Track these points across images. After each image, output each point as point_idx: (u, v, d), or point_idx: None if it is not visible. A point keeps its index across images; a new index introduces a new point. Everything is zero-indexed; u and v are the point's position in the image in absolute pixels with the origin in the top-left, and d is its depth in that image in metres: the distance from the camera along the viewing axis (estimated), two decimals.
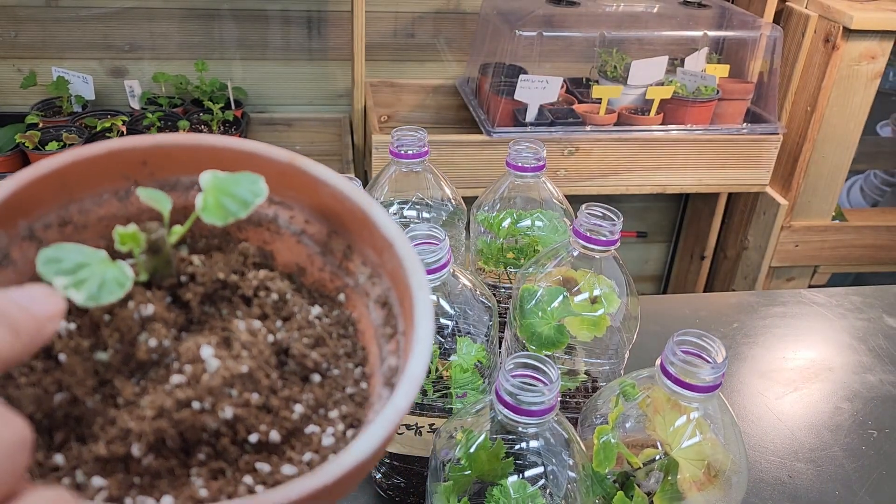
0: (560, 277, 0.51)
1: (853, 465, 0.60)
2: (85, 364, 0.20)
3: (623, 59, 1.22)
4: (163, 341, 0.20)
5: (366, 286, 0.24)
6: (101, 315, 0.20)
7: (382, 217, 0.23)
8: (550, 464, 0.40)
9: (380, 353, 0.23)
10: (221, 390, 0.19)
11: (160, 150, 0.24)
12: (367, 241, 0.23)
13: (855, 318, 0.80)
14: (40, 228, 0.23)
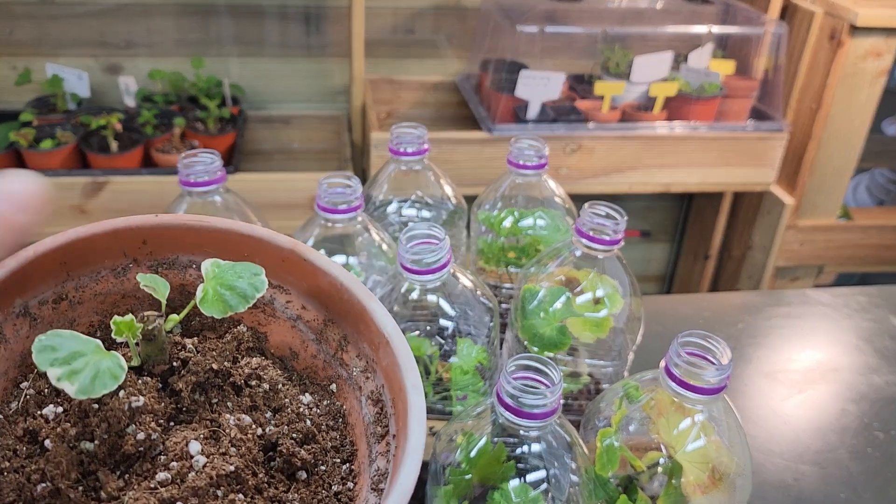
0: (562, 277, 0.50)
1: (859, 468, 0.59)
2: (70, 453, 0.19)
3: (626, 56, 1.21)
4: (151, 434, 0.20)
5: (359, 379, 0.23)
6: (90, 402, 0.20)
7: (380, 312, 0.23)
8: (552, 467, 0.39)
9: (369, 453, 0.22)
10: (207, 490, 0.19)
11: (163, 230, 0.24)
12: (364, 334, 0.23)
13: (861, 319, 0.79)
14: (35, 305, 0.23)
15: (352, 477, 0.22)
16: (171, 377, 0.22)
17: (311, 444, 0.22)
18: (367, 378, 0.23)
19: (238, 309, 0.21)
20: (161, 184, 1.08)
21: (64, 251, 0.23)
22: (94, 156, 1.08)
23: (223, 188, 0.52)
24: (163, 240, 0.24)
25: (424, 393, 0.48)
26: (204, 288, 0.21)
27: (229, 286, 0.21)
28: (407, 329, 0.48)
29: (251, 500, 0.20)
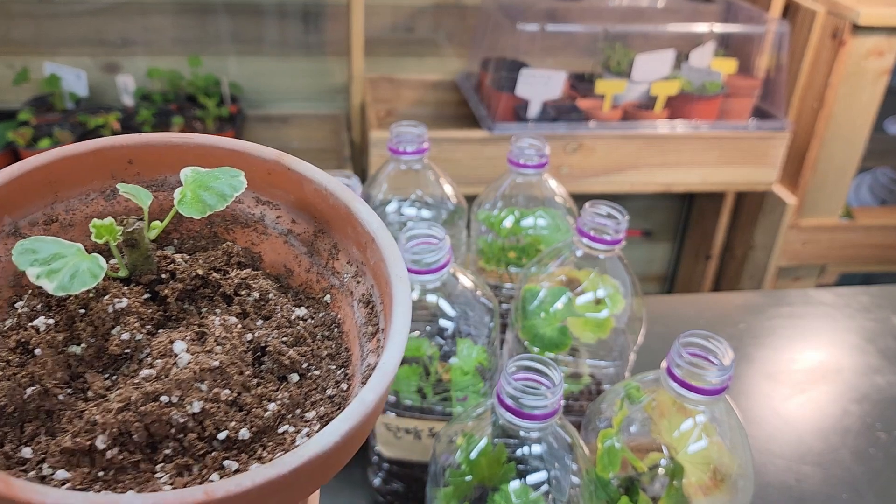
0: (563, 277, 0.50)
1: (861, 469, 0.59)
2: (58, 357, 0.20)
3: (627, 54, 1.20)
4: (135, 335, 0.20)
5: (350, 285, 0.24)
6: (76, 309, 0.20)
7: (365, 212, 0.23)
8: (553, 469, 0.39)
9: (361, 353, 0.22)
10: (191, 384, 0.19)
11: (147, 148, 0.24)
12: (352, 237, 0.24)
13: (864, 319, 0.79)
14: (25, 226, 0.23)
15: (346, 379, 0.22)
16: (158, 286, 0.22)
17: (303, 347, 0.22)
18: (358, 282, 0.24)
19: (216, 207, 0.21)
20: None
21: (50, 169, 0.22)
22: None
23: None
24: (148, 159, 0.24)
25: (424, 394, 0.48)
26: (182, 191, 0.21)
27: (207, 187, 0.21)
28: None
29: (237, 395, 0.20)
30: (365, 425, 0.18)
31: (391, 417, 0.49)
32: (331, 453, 0.17)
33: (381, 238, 0.22)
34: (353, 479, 0.55)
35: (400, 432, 0.49)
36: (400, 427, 0.49)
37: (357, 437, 0.18)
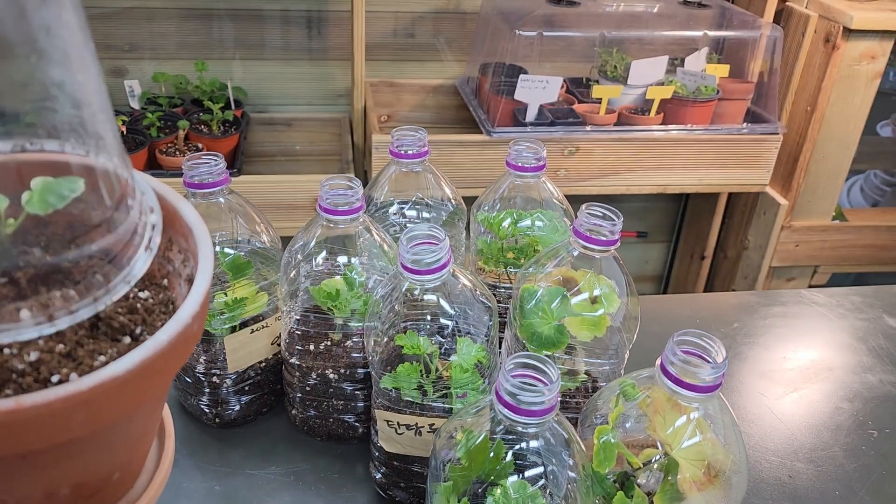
0: (560, 277, 0.51)
1: (853, 465, 0.60)
2: None
3: (623, 59, 1.21)
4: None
5: (180, 269, 0.29)
6: None
7: (187, 209, 0.29)
8: (550, 464, 0.40)
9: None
10: (30, 340, 0.23)
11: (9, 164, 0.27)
12: (179, 231, 0.29)
13: (855, 318, 0.80)
14: None
15: None
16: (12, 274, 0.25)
17: (134, 315, 0.26)
18: (185, 265, 0.28)
19: (56, 206, 0.24)
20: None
21: None
22: None
23: (227, 189, 0.53)
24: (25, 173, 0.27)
25: (425, 391, 0.49)
26: (30, 195, 0.25)
27: (51, 191, 0.25)
28: (407, 328, 0.49)
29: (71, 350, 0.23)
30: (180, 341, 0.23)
31: (392, 413, 0.50)
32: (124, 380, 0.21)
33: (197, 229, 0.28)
34: (355, 475, 0.56)
35: (401, 428, 0.50)
36: (401, 423, 0.50)
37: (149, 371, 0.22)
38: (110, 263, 0.26)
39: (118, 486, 0.29)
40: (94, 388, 0.21)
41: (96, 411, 0.21)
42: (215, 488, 0.54)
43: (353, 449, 0.58)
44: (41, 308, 0.23)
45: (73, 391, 0.20)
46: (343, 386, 0.55)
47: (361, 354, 0.55)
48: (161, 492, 0.30)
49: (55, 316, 0.23)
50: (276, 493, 0.54)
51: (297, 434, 0.59)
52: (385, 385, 0.48)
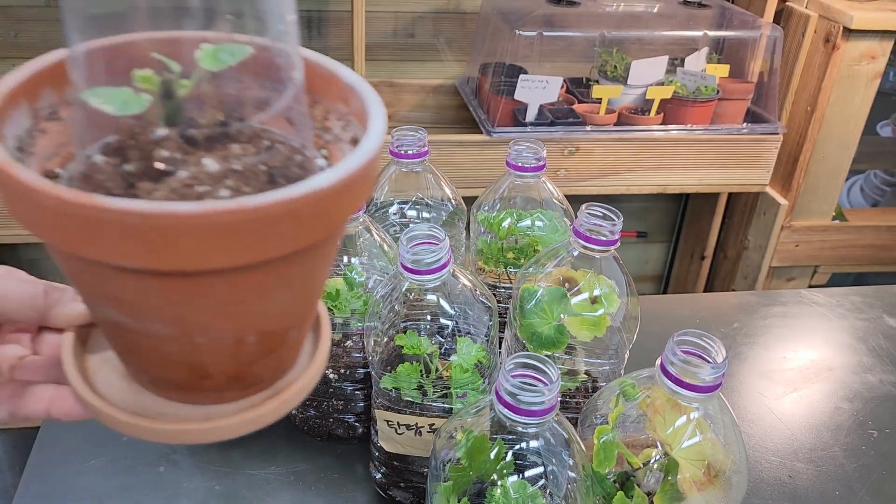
0: (560, 277, 0.51)
1: (853, 465, 0.60)
2: (115, 173, 0.24)
3: (623, 59, 1.22)
4: (174, 154, 0.24)
5: (340, 134, 0.29)
6: (127, 140, 0.25)
7: (345, 71, 0.29)
8: (550, 464, 0.40)
9: None
10: (218, 178, 0.23)
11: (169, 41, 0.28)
12: (337, 96, 0.29)
13: (855, 318, 0.80)
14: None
15: None
16: (185, 130, 0.26)
17: (304, 170, 0.26)
18: (345, 130, 0.29)
19: (230, 62, 0.26)
20: None
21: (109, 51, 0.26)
22: None
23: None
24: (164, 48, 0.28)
25: (424, 391, 0.49)
26: (203, 52, 0.26)
27: (223, 50, 0.26)
28: (407, 328, 0.49)
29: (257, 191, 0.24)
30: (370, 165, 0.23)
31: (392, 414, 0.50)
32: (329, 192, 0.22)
33: (360, 87, 0.28)
34: (355, 474, 0.56)
35: (401, 428, 0.50)
36: (401, 423, 0.50)
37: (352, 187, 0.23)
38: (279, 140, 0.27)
39: (290, 353, 0.29)
40: (305, 196, 0.21)
41: (302, 224, 0.22)
42: (215, 488, 0.54)
43: (353, 449, 0.58)
44: (220, 158, 0.24)
45: (285, 198, 0.21)
46: (343, 386, 0.55)
47: (361, 354, 0.54)
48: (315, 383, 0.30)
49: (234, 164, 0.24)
50: (276, 493, 0.54)
51: (297, 434, 0.59)
52: (385, 385, 0.48)
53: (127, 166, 0.24)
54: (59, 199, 0.20)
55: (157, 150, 0.24)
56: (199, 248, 0.21)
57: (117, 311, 0.25)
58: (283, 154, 0.26)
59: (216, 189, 0.23)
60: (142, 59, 0.27)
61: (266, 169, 0.25)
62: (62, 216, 0.21)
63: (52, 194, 0.20)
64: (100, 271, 0.23)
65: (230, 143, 0.25)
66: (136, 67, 0.26)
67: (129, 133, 0.25)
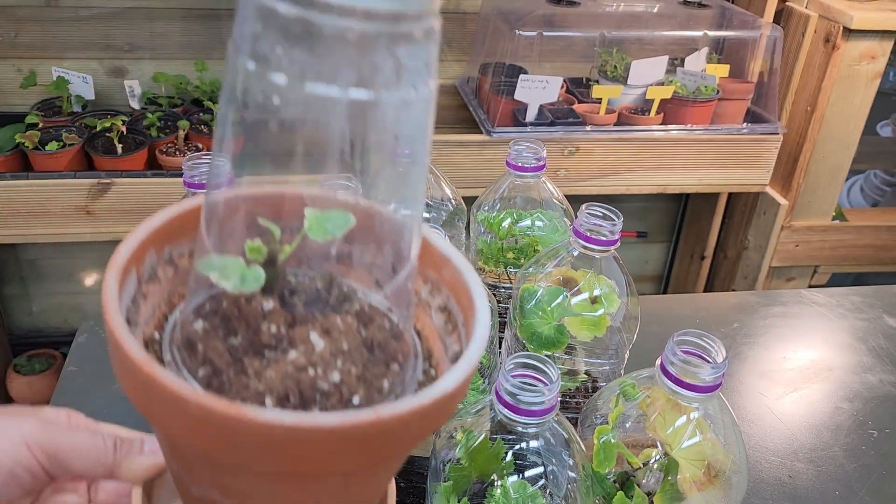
0: (560, 277, 0.51)
1: (853, 465, 0.60)
2: (220, 345, 0.24)
3: (623, 59, 1.22)
4: (281, 328, 0.25)
5: (427, 299, 0.30)
6: (231, 310, 0.25)
7: (438, 240, 0.29)
8: (550, 464, 0.40)
9: (444, 348, 0.28)
10: (329, 361, 0.24)
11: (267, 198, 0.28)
12: (428, 262, 0.29)
13: (855, 318, 0.80)
14: (177, 255, 0.28)
15: (433, 367, 0.28)
16: (285, 297, 0.26)
17: (400, 343, 0.27)
18: (434, 296, 0.29)
19: (335, 234, 0.26)
20: (166, 185, 1.09)
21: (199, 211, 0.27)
22: (100, 158, 1.09)
23: None
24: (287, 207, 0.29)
25: None
26: (308, 222, 0.26)
27: (328, 220, 0.27)
28: None
29: (362, 372, 0.24)
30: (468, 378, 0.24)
31: None
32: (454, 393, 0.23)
33: (456, 259, 0.28)
34: None
35: None
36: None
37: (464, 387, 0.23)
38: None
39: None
40: (435, 401, 0.22)
41: (427, 423, 0.23)
42: None
43: None
44: (324, 332, 0.25)
45: (419, 404, 0.22)
46: None
47: None
48: None
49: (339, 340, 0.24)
50: None
51: None
52: None
53: (232, 339, 0.24)
54: (205, 408, 0.20)
55: (264, 323, 0.25)
56: (332, 455, 0.22)
57: (221, 494, 0.25)
58: (383, 329, 0.26)
59: (328, 372, 0.24)
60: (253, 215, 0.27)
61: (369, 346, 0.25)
62: (202, 422, 0.21)
63: (199, 403, 0.20)
64: (217, 466, 0.23)
65: (332, 314, 0.26)
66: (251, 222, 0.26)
67: (232, 301, 0.25)
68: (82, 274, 1.40)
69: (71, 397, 0.61)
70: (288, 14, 0.20)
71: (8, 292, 1.38)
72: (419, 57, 0.22)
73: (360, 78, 0.22)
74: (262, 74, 0.22)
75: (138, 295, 0.26)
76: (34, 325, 1.42)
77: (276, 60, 0.21)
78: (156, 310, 0.27)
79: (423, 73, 0.23)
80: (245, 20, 0.22)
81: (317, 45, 0.21)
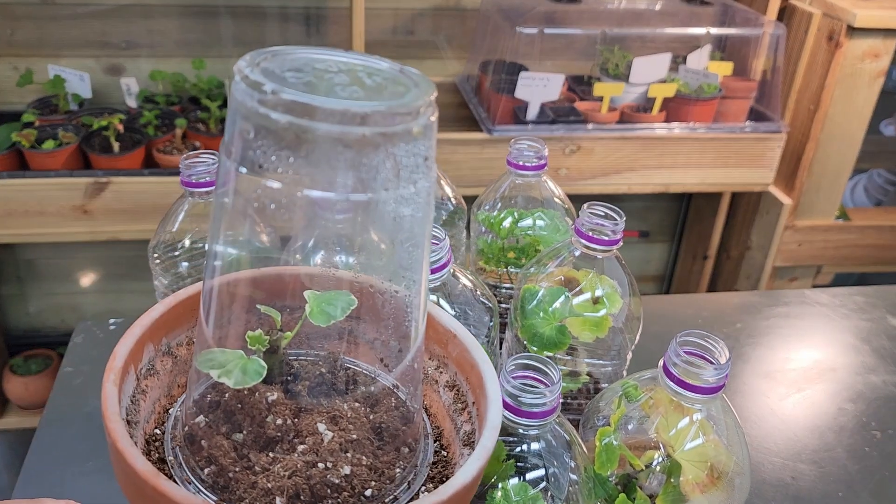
0: (562, 277, 0.50)
1: (856, 467, 0.60)
2: (225, 442, 0.23)
3: (625, 57, 1.21)
4: (286, 420, 0.24)
5: (434, 375, 0.29)
6: (234, 404, 0.24)
7: (443, 316, 0.29)
8: (552, 466, 0.40)
9: (455, 426, 0.28)
10: (339, 453, 0.23)
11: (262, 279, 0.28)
12: (433, 337, 0.29)
13: (858, 319, 0.80)
14: (174, 345, 0.28)
15: (443, 448, 0.28)
16: (289, 384, 0.26)
17: (410, 425, 0.26)
18: (441, 372, 0.29)
19: (337, 318, 0.25)
20: (163, 184, 1.09)
21: (195, 300, 0.27)
22: (96, 156, 1.08)
23: None
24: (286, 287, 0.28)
25: None
26: (310, 306, 0.26)
27: (329, 304, 0.26)
28: None
29: (373, 461, 0.24)
30: (483, 467, 0.23)
31: None
32: (470, 484, 0.22)
33: (462, 334, 0.28)
34: None
35: None
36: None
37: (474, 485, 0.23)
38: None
39: None
40: (451, 498, 0.22)
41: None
42: None
43: None
44: (331, 421, 0.24)
45: (439, 500, 0.22)
46: None
47: None
48: None
49: (348, 429, 0.24)
50: None
51: None
52: None
53: (237, 435, 0.24)
54: None
55: (269, 416, 0.24)
56: None
57: None
58: (392, 410, 0.26)
59: (338, 465, 0.23)
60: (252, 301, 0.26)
61: (378, 431, 0.25)
62: None
63: None
64: None
65: (338, 400, 0.25)
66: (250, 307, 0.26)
67: (234, 393, 0.25)
68: (79, 274, 1.40)
69: (68, 398, 0.61)
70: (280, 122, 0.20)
71: (4, 292, 1.37)
72: (418, 153, 0.22)
73: (357, 181, 0.21)
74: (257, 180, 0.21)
75: (137, 392, 0.26)
76: (31, 325, 1.42)
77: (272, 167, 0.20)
78: (156, 404, 0.27)
79: (421, 167, 0.22)
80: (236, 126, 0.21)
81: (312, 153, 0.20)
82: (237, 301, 0.27)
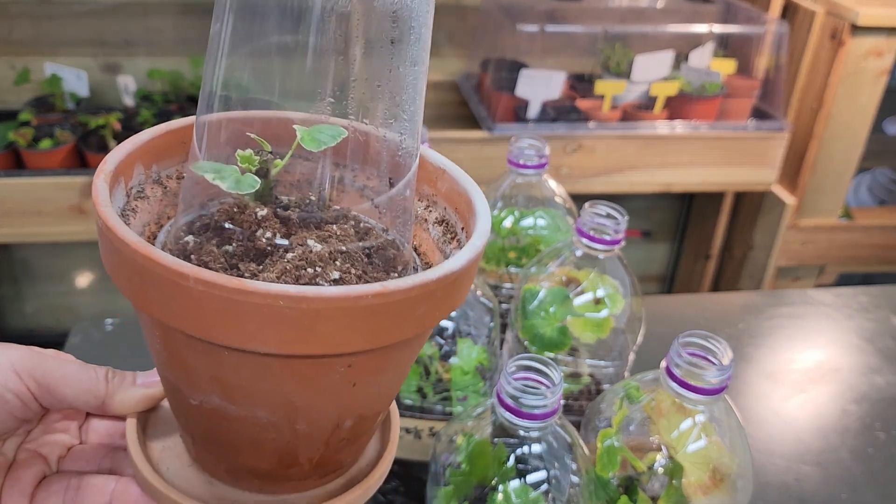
0: (563, 277, 0.50)
1: (861, 469, 0.59)
2: (215, 251, 0.24)
3: (627, 55, 1.20)
4: (276, 234, 0.24)
5: (423, 215, 0.29)
6: (224, 220, 0.25)
7: (432, 154, 0.29)
8: (553, 468, 0.39)
9: (444, 256, 0.28)
10: (327, 260, 0.23)
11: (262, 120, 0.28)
12: (422, 178, 0.29)
13: (862, 319, 0.79)
14: (164, 177, 0.28)
15: None
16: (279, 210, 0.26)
17: (399, 252, 0.26)
18: (430, 211, 0.29)
19: (329, 144, 0.26)
20: None
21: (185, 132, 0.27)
22: (93, 155, 1.08)
23: None
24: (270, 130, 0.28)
25: (424, 394, 0.48)
26: (301, 133, 0.26)
27: (321, 132, 0.26)
28: None
29: (362, 273, 0.24)
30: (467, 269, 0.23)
31: None
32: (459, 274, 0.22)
33: (451, 168, 0.28)
34: None
35: (400, 432, 0.49)
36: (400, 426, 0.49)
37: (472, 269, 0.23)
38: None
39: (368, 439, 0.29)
40: (440, 278, 0.21)
41: (435, 305, 0.22)
42: None
43: None
44: (321, 240, 0.24)
45: (425, 280, 0.21)
46: None
47: None
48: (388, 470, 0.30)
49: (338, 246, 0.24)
50: None
51: None
52: None
53: (227, 247, 0.24)
54: (206, 282, 0.19)
55: (259, 230, 0.24)
56: (340, 332, 0.21)
57: (223, 397, 0.23)
58: (381, 239, 0.26)
59: (327, 270, 0.23)
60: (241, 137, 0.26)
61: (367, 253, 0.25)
62: (203, 300, 0.20)
63: (199, 278, 0.19)
64: (217, 357, 0.22)
65: (326, 224, 0.25)
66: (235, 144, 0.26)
67: (224, 211, 0.25)
68: (76, 274, 1.39)
69: None
70: None
71: (1, 293, 1.37)
72: None
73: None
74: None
75: (127, 209, 0.26)
76: (27, 325, 1.42)
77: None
78: (145, 227, 0.26)
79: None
80: None
81: None
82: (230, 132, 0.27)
